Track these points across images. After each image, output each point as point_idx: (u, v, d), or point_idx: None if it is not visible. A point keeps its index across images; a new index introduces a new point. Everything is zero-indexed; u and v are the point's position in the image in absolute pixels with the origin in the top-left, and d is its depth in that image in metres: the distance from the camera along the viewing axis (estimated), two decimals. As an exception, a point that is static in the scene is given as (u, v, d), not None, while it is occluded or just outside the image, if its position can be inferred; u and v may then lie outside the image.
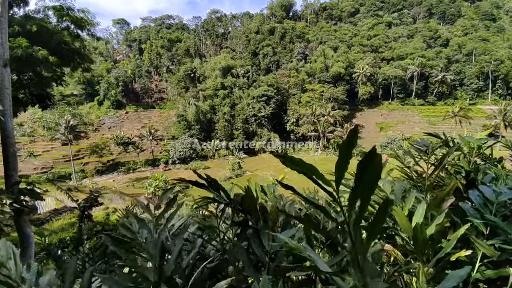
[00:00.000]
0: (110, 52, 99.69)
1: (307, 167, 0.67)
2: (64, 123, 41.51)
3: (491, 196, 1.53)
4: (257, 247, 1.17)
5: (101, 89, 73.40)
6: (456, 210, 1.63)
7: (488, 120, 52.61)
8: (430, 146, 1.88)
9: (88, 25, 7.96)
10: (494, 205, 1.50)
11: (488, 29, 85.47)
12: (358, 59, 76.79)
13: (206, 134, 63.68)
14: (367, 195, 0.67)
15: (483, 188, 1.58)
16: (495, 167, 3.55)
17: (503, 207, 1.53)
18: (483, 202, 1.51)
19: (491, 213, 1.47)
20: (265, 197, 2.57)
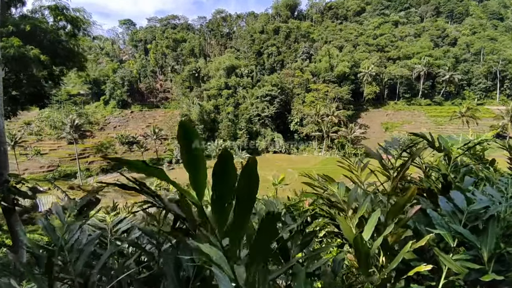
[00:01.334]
0: (116, 52, 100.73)
1: (155, 172, 0.59)
2: (70, 122, 42.01)
3: (461, 203, 1.35)
4: (186, 260, 1.07)
5: (107, 88, 74.28)
6: (425, 218, 1.50)
7: (495, 121, 51.52)
8: (400, 146, 1.74)
9: (83, 24, 7.94)
10: (464, 214, 1.32)
11: (496, 28, 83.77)
12: (363, 59, 76.02)
13: (210, 133, 63.83)
14: (231, 209, 0.58)
15: (454, 194, 1.43)
16: (487, 169, 3.36)
17: (475, 217, 1.34)
18: (452, 210, 1.37)
19: (460, 223, 1.32)
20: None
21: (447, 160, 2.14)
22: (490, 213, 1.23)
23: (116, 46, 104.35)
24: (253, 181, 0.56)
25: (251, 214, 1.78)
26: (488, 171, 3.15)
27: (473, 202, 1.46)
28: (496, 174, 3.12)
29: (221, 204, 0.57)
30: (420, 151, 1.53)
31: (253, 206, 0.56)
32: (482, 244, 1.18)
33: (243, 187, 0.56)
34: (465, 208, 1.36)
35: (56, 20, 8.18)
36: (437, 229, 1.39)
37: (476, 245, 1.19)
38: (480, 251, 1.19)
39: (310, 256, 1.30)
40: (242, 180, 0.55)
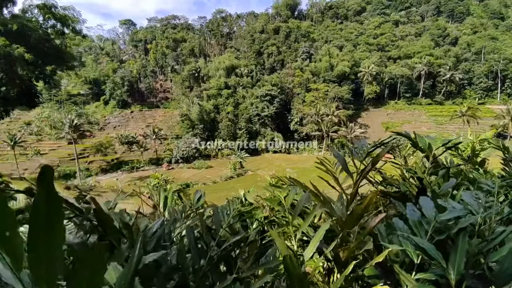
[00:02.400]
0: (116, 52, 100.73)
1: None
2: (68, 122, 42.00)
3: (430, 212, 1.18)
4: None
5: (107, 89, 74.28)
6: (390, 229, 1.36)
7: (496, 120, 51.22)
8: (366, 149, 1.60)
9: (72, 22, 7.83)
10: (431, 225, 1.14)
11: (497, 27, 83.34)
12: (364, 58, 75.80)
13: (210, 133, 63.70)
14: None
15: (423, 201, 1.27)
16: (476, 171, 3.21)
17: (444, 229, 1.15)
18: (419, 220, 1.23)
19: (426, 235, 1.12)
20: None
21: (423, 161, 2.01)
22: (460, 225, 1.07)
23: (117, 46, 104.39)
24: (51, 201, 0.43)
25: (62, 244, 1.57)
26: (477, 173, 3.01)
27: (444, 211, 1.31)
28: (487, 176, 2.98)
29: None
30: (384, 153, 1.39)
31: (60, 233, 0.44)
32: (449, 263, 0.99)
33: (36, 211, 0.43)
34: (432, 218, 1.17)
35: (45, 19, 8.09)
36: (400, 241, 1.25)
37: (441, 264, 0.99)
38: (446, 271, 1.00)
39: (254, 270, 1.16)
40: (37, 199, 0.43)
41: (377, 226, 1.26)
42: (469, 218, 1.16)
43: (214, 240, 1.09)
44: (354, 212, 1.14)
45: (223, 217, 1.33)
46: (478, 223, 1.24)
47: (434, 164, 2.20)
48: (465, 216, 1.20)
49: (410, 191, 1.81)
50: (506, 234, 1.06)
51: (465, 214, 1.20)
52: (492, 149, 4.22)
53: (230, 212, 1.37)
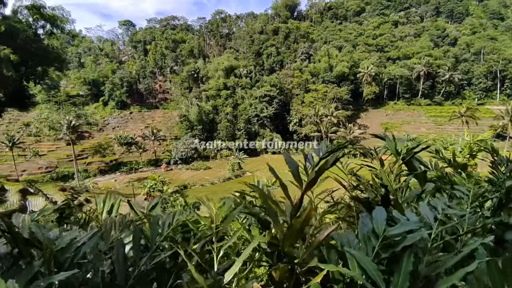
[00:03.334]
0: (115, 53, 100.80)
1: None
2: (66, 123, 41.93)
3: (378, 226, 1.05)
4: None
5: (106, 89, 74.24)
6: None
7: (495, 121, 51.09)
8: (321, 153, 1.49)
9: (61, 22, 7.76)
10: (378, 240, 1.00)
11: (497, 28, 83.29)
12: (363, 59, 75.73)
13: (209, 134, 63.62)
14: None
15: (376, 212, 1.17)
16: (459, 174, 3.10)
17: (392, 245, 1.00)
18: (368, 235, 1.06)
19: (372, 252, 0.98)
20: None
21: (390, 166, 1.90)
22: (406, 242, 0.95)
23: (116, 47, 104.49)
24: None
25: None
26: (459, 177, 2.91)
27: (395, 225, 1.16)
28: (470, 180, 2.87)
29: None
30: (333, 160, 1.29)
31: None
32: (390, 286, 0.88)
33: None
34: (381, 232, 1.04)
35: (35, 20, 8.02)
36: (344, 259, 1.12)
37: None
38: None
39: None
40: None
41: (343, 239, 1.13)
42: (417, 234, 1.00)
43: (147, 254, 1.03)
44: (293, 226, 1.04)
45: (163, 228, 1.24)
46: (432, 239, 1.08)
47: (409, 168, 2.12)
48: (418, 230, 1.05)
49: (374, 199, 1.72)
50: (459, 257, 0.89)
51: (419, 228, 1.05)
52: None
53: (172, 223, 1.28)
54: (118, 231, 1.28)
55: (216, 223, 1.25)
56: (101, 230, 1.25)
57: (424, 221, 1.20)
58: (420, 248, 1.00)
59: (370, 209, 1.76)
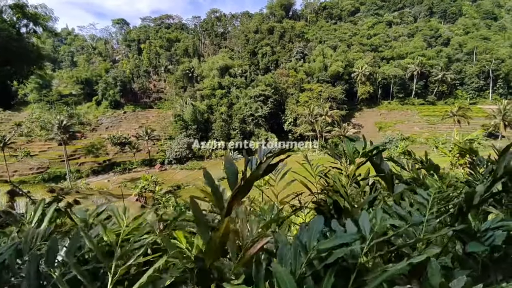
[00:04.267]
0: (109, 52, 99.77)
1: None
2: (57, 123, 41.30)
3: (307, 240, 0.92)
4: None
5: (99, 89, 73.43)
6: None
7: (487, 120, 51.77)
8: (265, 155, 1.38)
9: (43, 20, 7.58)
10: (308, 254, 0.88)
11: (490, 28, 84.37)
12: (357, 58, 76.08)
13: (203, 134, 63.34)
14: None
15: (313, 223, 1.01)
16: (431, 176, 3.04)
17: (319, 261, 0.90)
18: (299, 249, 0.94)
19: (300, 268, 0.88)
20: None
21: (346, 171, 1.82)
22: (330, 259, 0.85)
23: (109, 45, 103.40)
24: None
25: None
26: (431, 179, 2.85)
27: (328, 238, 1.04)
28: (444, 181, 2.81)
29: None
30: (266, 166, 1.17)
31: None
32: None
33: None
34: (312, 245, 0.92)
35: (18, 18, 7.83)
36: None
37: None
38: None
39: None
40: None
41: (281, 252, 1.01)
42: (342, 250, 0.88)
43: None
44: (211, 240, 0.93)
45: (91, 241, 1.16)
46: (363, 255, 0.94)
47: (376, 170, 2.04)
48: (353, 243, 0.94)
49: (327, 205, 1.64)
50: (383, 277, 0.79)
51: (353, 241, 0.92)
52: (482, 149, 4.04)
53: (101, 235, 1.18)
54: (38, 242, 1.18)
55: (121, 237, 1.07)
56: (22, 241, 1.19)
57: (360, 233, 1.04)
58: (352, 264, 0.90)
59: (326, 217, 1.67)
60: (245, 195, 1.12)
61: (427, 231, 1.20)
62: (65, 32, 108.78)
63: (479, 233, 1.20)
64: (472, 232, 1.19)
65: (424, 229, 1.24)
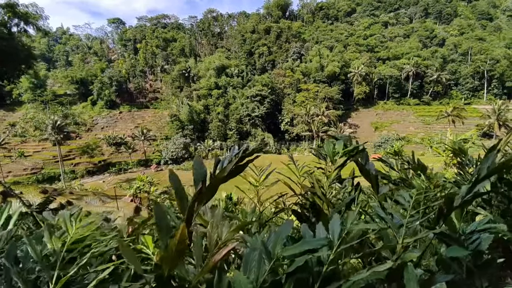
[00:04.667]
0: (105, 52, 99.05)
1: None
2: (51, 123, 40.86)
3: (273, 246, 0.88)
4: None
5: (95, 89, 72.83)
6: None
7: (482, 120, 52.27)
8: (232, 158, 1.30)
9: (33, 19, 7.46)
10: (271, 262, 0.83)
11: (485, 28, 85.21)
12: (353, 59, 76.34)
13: (200, 134, 63.17)
14: None
15: (282, 228, 0.94)
16: (418, 177, 3.00)
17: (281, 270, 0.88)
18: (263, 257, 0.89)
19: (262, 276, 0.82)
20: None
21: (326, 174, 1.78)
22: (291, 267, 0.78)
23: (105, 45, 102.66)
24: None
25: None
26: (418, 180, 2.81)
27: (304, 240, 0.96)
28: (432, 181, 2.77)
29: None
30: (230, 168, 1.12)
31: None
32: None
33: None
34: (275, 252, 0.86)
35: (9, 18, 7.70)
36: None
37: None
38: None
39: None
40: None
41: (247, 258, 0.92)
42: (304, 257, 0.81)
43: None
44: (168, 248, 0.85)
45: (34, 248, 1.10)
46: (328, 262, 0.86)
47: (361, 171, 2.00)
48: (320, 250, 0.88)
49: (306, 208, 1.60)
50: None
51: (320, 247, 0.86)
52: (476, 149, 4.00)
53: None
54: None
55: (67, 245, 1.00)
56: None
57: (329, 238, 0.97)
58: (316, 272, 0.84)
59: (301, 221, 1.62)
60: (210, 198, 1.06)
61: (406, 234, 1.16)
62: (60, 31, 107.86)
63: (464, 236, 1.18)
64: (454, 235, 1.16)
65: (403, 232, 1.20)
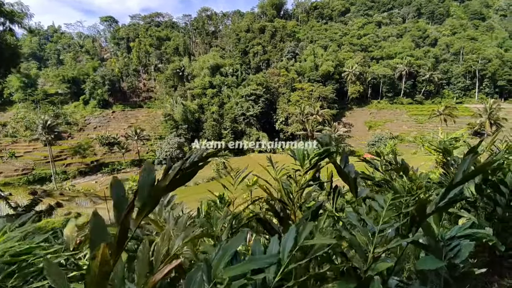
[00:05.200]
0: (97, 50, 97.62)
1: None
2: (41, 123, 40.11)
3: (215, 264, 0.77)
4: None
5: (87, 88, 71.74)
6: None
7: (473, 119, 53.00)
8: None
9: (18, 17, 7.24)
10: (211, 283, 0.74)
11: (477, 28, 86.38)
12: (347, 58, 76.69)
13: (194, 133, 62.74)
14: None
15: (230, 242, 0.86)
16: (400, 178, 2.93)
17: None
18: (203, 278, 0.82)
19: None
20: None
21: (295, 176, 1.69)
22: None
23: (97, 43, 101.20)
24: None
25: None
26: (401, 181, 2.75)
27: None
28: (414, 183, 2.71)
29: None
30: (171, 177, 0.86)
31: None
32: None
33: None
34: (217, 271, 0.76)
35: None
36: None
37: None
38: None
39: None
40: None
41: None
42: (241, 281, 0.72)
43: None
44: (91, 270, 0.69)
45: None
46: (273, 284, 0.77)
47: (340, 174, 1.93)
48: (266, 269, 0.78)
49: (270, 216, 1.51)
50: None
51: (268, 266, 0.75)
52: (467, 148, 3.90)
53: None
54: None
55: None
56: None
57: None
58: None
59: (269, 231, 1.51)
60: (151, 210, 0.84)
61: (379, 243, 1.08)
62: (52, 29, 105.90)
63: (443, 242, 1.08)
64: (432, 242, 1.07)
65: (375, 240, 1.12)
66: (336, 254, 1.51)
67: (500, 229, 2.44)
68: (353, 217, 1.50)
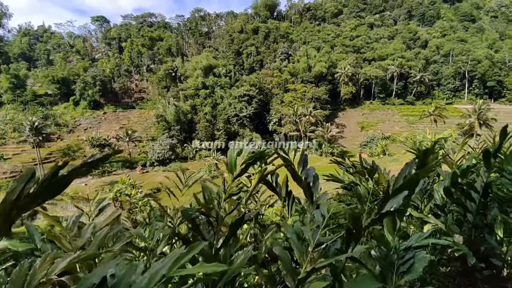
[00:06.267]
0: (88, 50, 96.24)
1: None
2: (29, 124, 39.20)
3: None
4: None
5: (77, 88, 70.57)
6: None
7: (463, 119, 53.81)
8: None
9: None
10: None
11: (467, 30, 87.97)
12: (340, 59, 77.24)
13: (187, 134, 62.24)
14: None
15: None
16: (366, 181, 2.81)
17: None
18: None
19: None
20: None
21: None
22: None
23: (88, 44, 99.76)
24: None
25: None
26: (365, 185, 2.63)
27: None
28: (381, 186, 2.60)
29: None
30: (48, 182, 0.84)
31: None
32: None
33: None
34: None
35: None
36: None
37: None
38: None
39: None
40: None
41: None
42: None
43: None
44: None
45: None
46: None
47: (294, 178, 1.79)
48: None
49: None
50: None
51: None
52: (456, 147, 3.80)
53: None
54: None
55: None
56: None
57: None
58: None
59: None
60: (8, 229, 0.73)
61: (313, 258, 1.02)
62: (41, 29, 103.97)
63: (397, 253, 0.94)
64: (381, 256, 0.96)
65: (308, 256, 1.07)
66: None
67: (473, 236, 2.31)
68: (290, 229, 1.37)
